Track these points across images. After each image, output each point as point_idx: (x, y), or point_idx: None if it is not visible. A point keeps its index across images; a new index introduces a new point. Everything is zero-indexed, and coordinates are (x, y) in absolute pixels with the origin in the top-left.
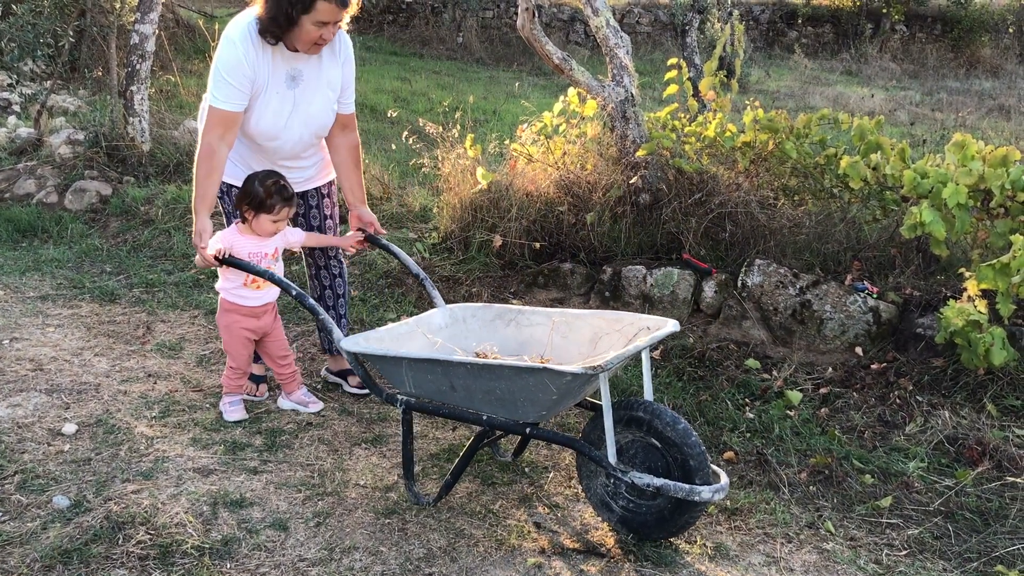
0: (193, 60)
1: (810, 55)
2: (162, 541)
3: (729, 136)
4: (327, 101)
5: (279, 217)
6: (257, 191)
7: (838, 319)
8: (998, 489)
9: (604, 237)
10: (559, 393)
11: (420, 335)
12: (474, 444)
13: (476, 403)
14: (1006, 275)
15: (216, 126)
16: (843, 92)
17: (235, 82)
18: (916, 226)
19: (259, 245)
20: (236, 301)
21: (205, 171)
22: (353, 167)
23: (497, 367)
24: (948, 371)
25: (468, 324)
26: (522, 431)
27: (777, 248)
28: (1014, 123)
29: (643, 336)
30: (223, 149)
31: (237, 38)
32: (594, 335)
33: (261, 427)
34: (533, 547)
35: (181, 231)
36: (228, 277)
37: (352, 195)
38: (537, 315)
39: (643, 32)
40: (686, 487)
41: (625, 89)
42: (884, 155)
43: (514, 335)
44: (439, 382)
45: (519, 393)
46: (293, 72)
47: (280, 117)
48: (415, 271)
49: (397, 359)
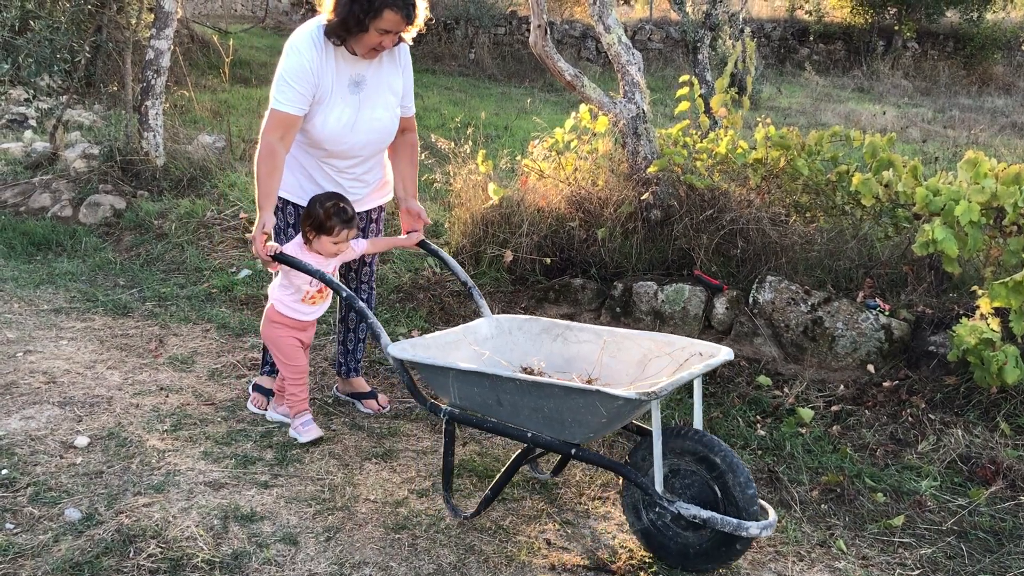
0: (207, 75)
1: (822, 72)
2: (173, 555)
3: (741, 153)
4: (390, 106)
5: (339, 239)
6: (317, 213)
7: (850, 336)
8: (1012, 509)
9: (615, 253)
10: (609, 416)
11: (466, 345)
12: (517, 461)
13: (522, 419)
14: (1019, 293)
15: (276, 127)
16: (855, 109)
17: (298, 87)
18: (928, 243)
19: (322, 264)
20: (288, 314)
21: (267, 170)
22: (409, 162)
23: (547, 385)
24: (961, 389)
25: (514, 336)
26: (567, 451)
27: (789, 265)
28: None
29: (695, 362)
30: (282, 150)
31: (303, 46)
32: (643, 357)
33: (272, 441)
34: (543, 564)
35: (194, 245)
36: (287, 289)
37: (404, 189)
38: (585, 332)
39: (655, 49)
40: (733, 521)
41: (637, 106)
42: (896, 172)
43: (560, 351)
44: (485, 395)
45: (567, 413)
46: (356, 78)
47: (346, 121)
48: (463, 279)
49: (444, 369)
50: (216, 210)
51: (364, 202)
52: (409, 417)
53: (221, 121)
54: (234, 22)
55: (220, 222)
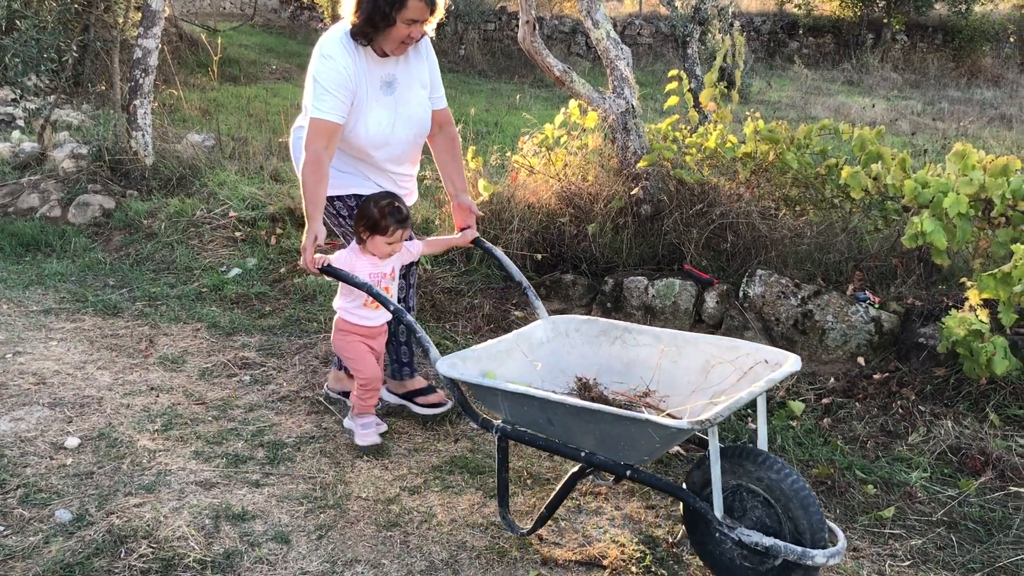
0: (196, 74)
1: (811, 65)
2: (164, 555)
3: (730, 147)
4: (423, 100)
5: (393, 239)
6: (372, 212)
7: (840, 329)
8: (1001, 499)
9: (606, 248)
10: (663, 442)
11: (519, 353)
12: (573, 478)
13: (574, 439)
14: (1008, 284)
15: (320, 136)
16: (844, 102)
17: (337, 93)
18: (917, 236)
19: (378, 265)
20: (356, 322)
21: (314, 179)
22: (452, 159)
23: (596, 412)
24: (950, 381)
25: (571, 339)
26: (622, 472)
27: (778, 258)
28: (1016, 132)
29: (760, 370)
30: (327, 158)
31: (335, 52)
32: (706, 363)
33: (263, 440)
34: (535, 559)
35: (184, 244)
36: (347, 296)
37: (453, 186)
38: (645, 335)
39: (644, 44)
40: (798, 549)
41: (626, 101)
42: (885, 165)
43: (619, 354)
44: (535, 415)
45: (620, 437)
46: (387, 78)
47: (385, 124)
48: (518, 278)
49: (493, 390)
50: (206, 209)
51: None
52: (401, 415)
53: (210, 120)
54: (222, 20)
55: (210, 221)
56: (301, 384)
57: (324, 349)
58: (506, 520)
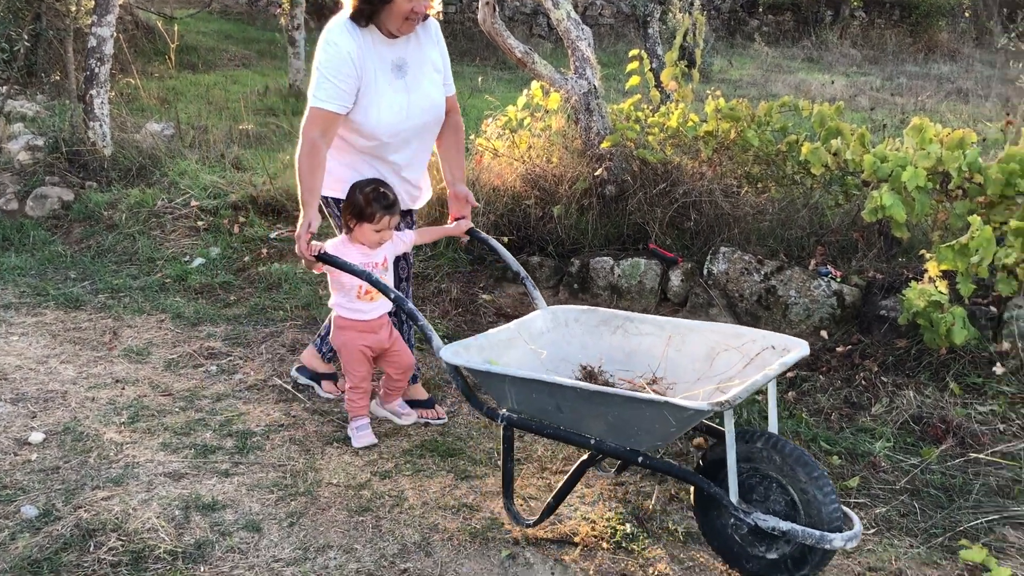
0: (153, 62)
1: (771, 43)
2: (134, 547)
3: (692, 126)
4: (435, 83)
5: (380, 226)
6: (357, 199)
7: (803, 303)
8: (962, 465)
9: (571, 229)
10: (678, 426)
11: (522, 343)
12: (581, 467)
13: (584, 426)
14: (965, 256)
15: (316, 124)
16: (805, 79)
17: (338, 81)
18: (877, 210)
19: (368, 255)
20: (351, 316)
21: (309, 167)
22: (455, 146)
23: (611, 395)
24: (911, 351)
25: (571, 329)
26: (634, 459)
27: (741, 235)
28: (972, 106)
29: (767, 356)
30: (324, 146)
31: (339, 37)
32: (710, 351)
33: (232, 429)
34: (507, 538)
35: (146, 235)
36: (340, 291)
37: (451, 174)
38: (646, 323)
39: (605, 24)
40: (816, 533)
41: (588, 81)
42: (844, 141)
43: (621, 344)
44: (544, 402)
45: (633, 422)
46: (398, 61)
47: (399, 109)
48: (515, 268)
49: (500, 376)
50: (167, 199)
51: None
52: None
53: (169, 108)
54: (179, 7)
55: (172, 211)
56: (268, 372)
57: (291, 337)
58: (511, 511)
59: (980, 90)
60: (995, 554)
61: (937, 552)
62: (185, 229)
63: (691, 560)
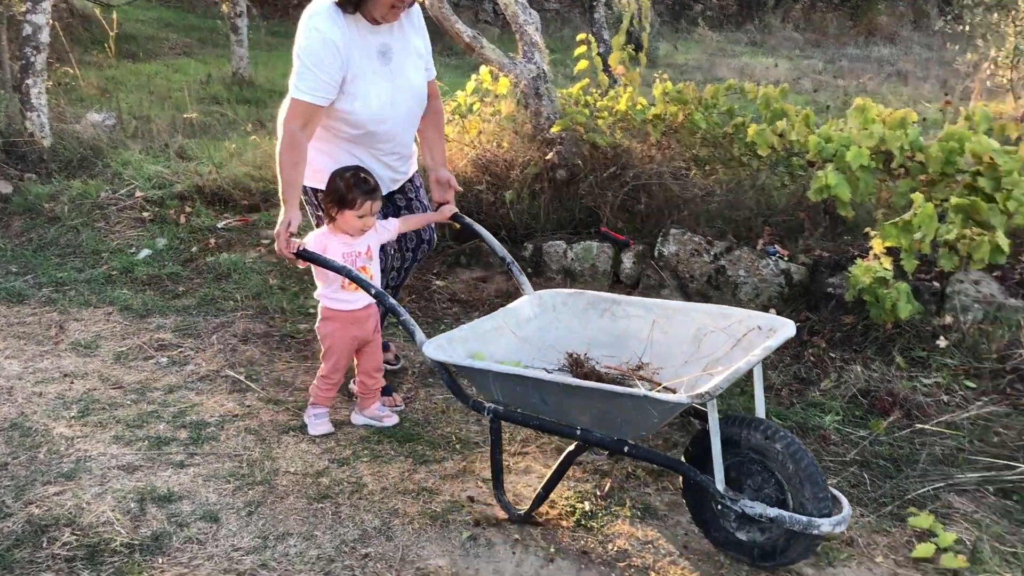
0: (92, 51)
1: (715, 27)
2: (89, 541)
3: (640, 109)
4: (419, 70)
5: (363, 212)
6: (338, 186)
7: (752, 283)
8: (908, 436)
9: (523, 214)
10: (660, 416)
11: (508, 332)
12: (569, 457)
13: (570, 417)
14: (908, 232)
15: (297, 116)
16: (749, 63)
17: (320, 72)
18: (822, 189)
19: (351, 244)
20: (336, 307)
21: (290, 161)
22: (436, 131)
23: (591, 390)
24: (858, 327)
25: (558, 313)
26: (620, 449)
27: (691, 217)
28: (911, 87)
29: (753, 336)
30: (304, 139)
31: (323, 24)
32: (697, 332)
33: (185, 421)
34: (467, 520)
35: (89, 227)
36: (324, 281)
37: (432, 159)
38: (633, 306)
39: (551, 9)
40: (803, 519)
41: (537, 66)
42: (790, 122)
43: (608, 327)
44: (529, 395)
45: (616, 413)
46: (383, 48)
47: (385, 96)
48: (501, 254)
49: (484, 371)
50: (111, 190)
51: (406, 177)
52: None
53: (110, 98)
54: None
55: (116, 202)
56: (221, 363)
57: (242, 327)
58: (502, 502)
59: (919, 72)
60: (941, 520)
61: (887, 520)
62: (130, 220)
63: (648, 536)
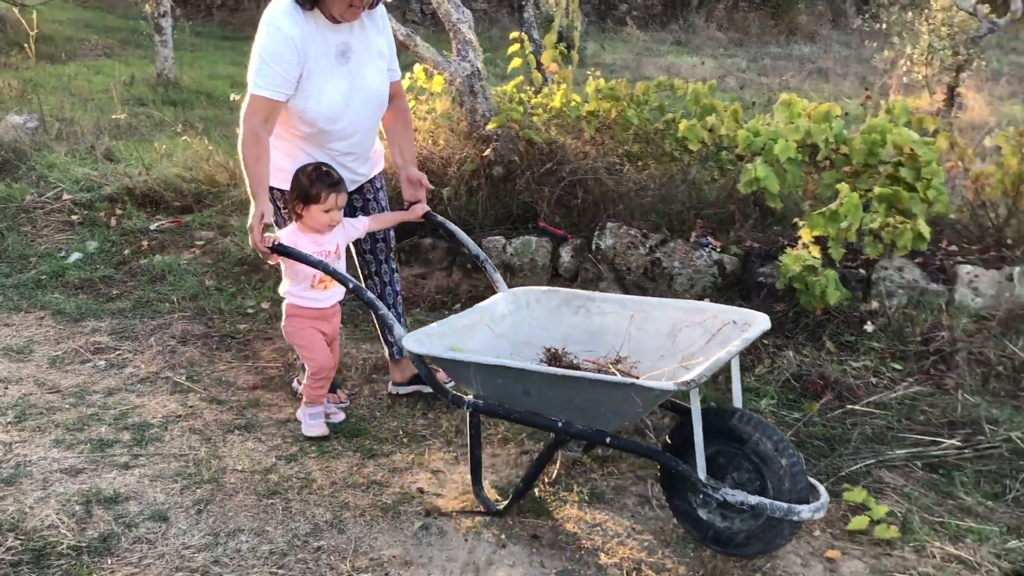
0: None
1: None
2: (34, 545)
3: (574, 106)
4: (380, 71)
5: (328, 206)
6: (302, 182)
7: (686, 274)
8: (840, 417)
9: (462, 211)
10: (644, 406)
11: (484, 327)
12: (548, 450)
13: (551, 409)
14: (835, 221)
15: (257, 112)
16: (675, 62)
17: (279, 67)
18: (752, 182)
19: (320, 243)
20: (304, 304)
21: (253, 157)
22: (403, 129)
23: (578, 379)
24: (790, 314)
25: (532, 310)
26: (601, 439)
27: (626, 211)
28: (832, 84)
29: (729, 331)
30: (266, 134)
31: (282, 21)
32: (673, 327)
33: (128, 423)
34: (418, 511)
35: (15, 231)
36: (294, 279)
37: (401, 157)
38: (608, 303)
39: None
40: (784, 506)
41: (471, 64)
42: (719, 117)
43: (583, 323)
44: (511, 387)
45: (600, 403)
46: (342, 47)
47: (340, 95)
48: (474, 252)
49: (465, 363)
50: (36, 193)
51: (366, 177)
52: (268, 388)
53: (30, 101)
54: None
55: (42, 205)
56: (160, 365)
57: (180, 328)
58: (480, 498)
59: (839, 69)
60: (873, 494)
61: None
62: (58, 224)
63: (596, 519)
